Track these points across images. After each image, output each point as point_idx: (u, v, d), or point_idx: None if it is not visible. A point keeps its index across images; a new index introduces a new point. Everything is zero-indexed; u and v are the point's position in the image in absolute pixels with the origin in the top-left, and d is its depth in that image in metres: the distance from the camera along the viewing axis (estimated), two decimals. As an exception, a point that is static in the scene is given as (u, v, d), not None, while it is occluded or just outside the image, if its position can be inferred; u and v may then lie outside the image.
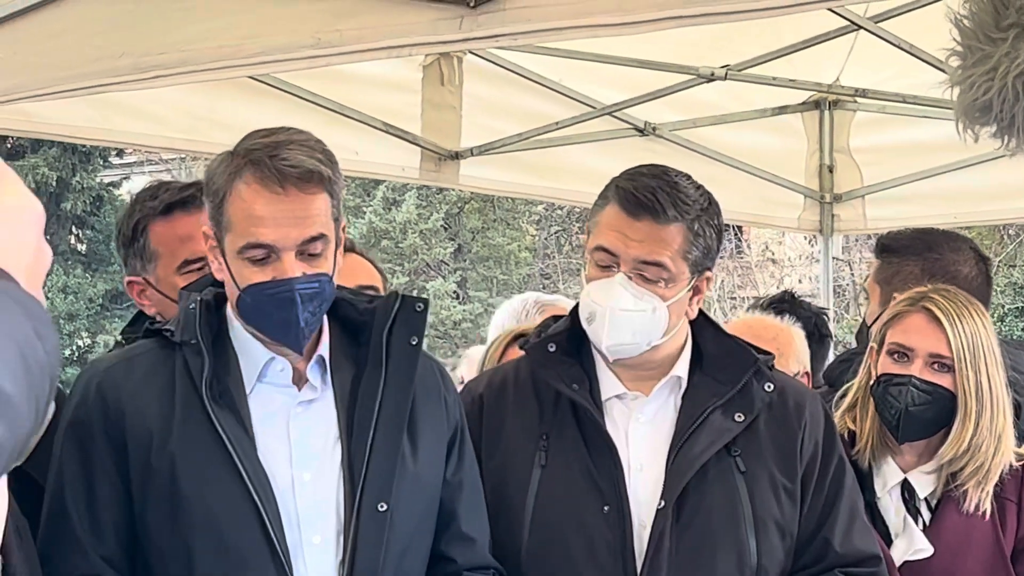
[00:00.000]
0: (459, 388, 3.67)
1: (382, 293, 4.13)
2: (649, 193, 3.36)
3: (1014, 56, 3.87)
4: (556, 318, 3.65)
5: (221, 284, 3.25)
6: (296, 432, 3.14)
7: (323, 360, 3.20)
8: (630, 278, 3.35)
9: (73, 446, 3.12)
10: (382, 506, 3.09)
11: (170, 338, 3.18)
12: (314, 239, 3.05)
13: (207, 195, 3.14)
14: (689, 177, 3.49)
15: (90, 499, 3.09)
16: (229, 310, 3.21)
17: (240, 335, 3.19)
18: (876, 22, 5.67)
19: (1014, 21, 3.89)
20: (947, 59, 4.09)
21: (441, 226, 30.08)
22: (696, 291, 3.46)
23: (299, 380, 3.19)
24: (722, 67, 6.21)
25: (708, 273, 3.48)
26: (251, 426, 3.11)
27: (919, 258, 4.45)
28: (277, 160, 3.01)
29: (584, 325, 3.44)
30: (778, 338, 4.69)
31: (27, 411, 1.36)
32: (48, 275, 1.59)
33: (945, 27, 4.14)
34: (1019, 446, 3.90)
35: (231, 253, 3.07)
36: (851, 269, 24.68)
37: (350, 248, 4.19)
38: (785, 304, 5.43)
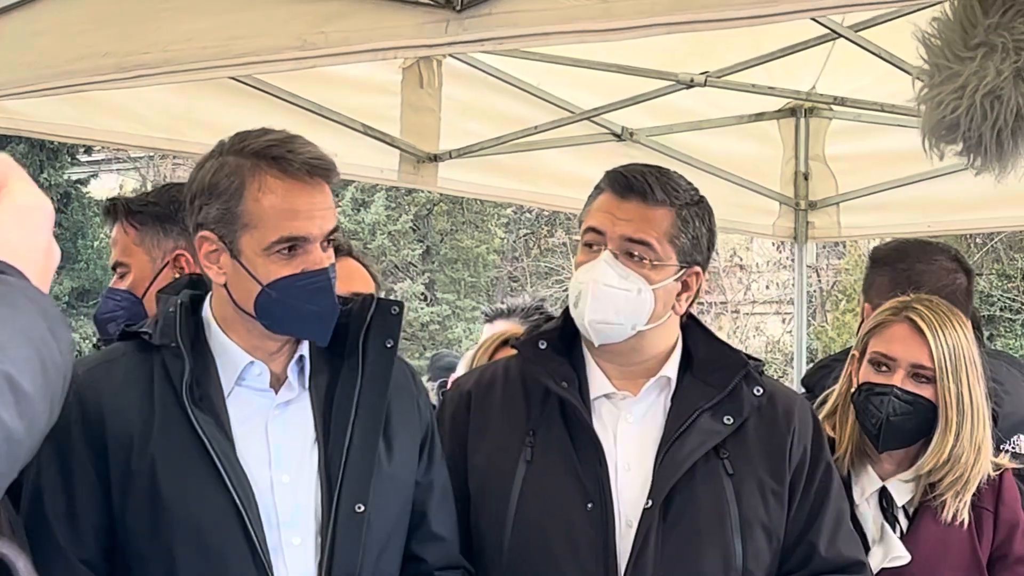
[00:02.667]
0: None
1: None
2: (639, 176, 3.45)
3: (982, 75, 3.89)
4: (549, 317, 3.67)
5: (197, 287, 3.27)
6: (275, 434, 3.15)
7: (303, 360, 3.21)
8: (616, 256, 3.40)
9: (52, 450, 3.09)
10: (359, 507, 3.10)
11: (148, 341, 3.17)
12: (335, 229, 3.12)
13: (208, 199, 3.11)
14: (683, 177, 3.56)
15: (69, 504, 3.08)
16: (207, 314, 3.22)
17: (218, 338, 3.18)
18: (856, 31, 5.69)
19: (982, 40, 3.91)
20: (915, 78, 4.13)
21: (410, 227, 30.07)
22: (685, 287, 3.49)
23: (276, 383, 3.20)
24: (701, 73, 6.22)
25: (698, 269, 3.50)
26: (230, 429, 3.11)
27: (890, 269, 4.48)
28: (298, 155, 3.04)
29: (572, 311, 3.47)
30: None
31: (43, 410, 1.37)
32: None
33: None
34: (995, 455, 3.93)
35: (254, 251, 3.06)
36: (819, 276, 24.79)
37: (347, 252, 4.22)
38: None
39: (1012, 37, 3.86)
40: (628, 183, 3.43)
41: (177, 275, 3.96)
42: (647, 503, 3.35)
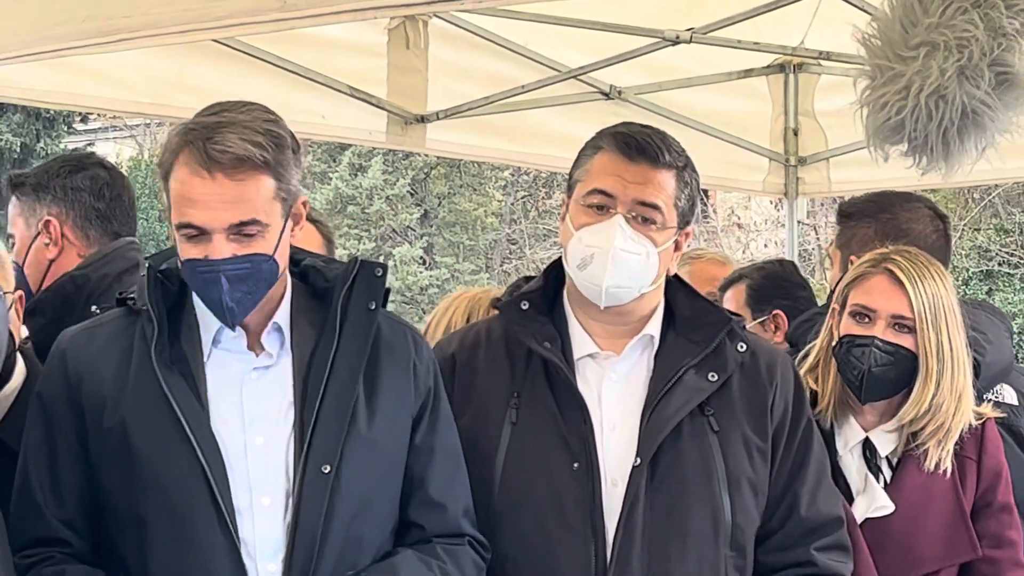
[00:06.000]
0: None
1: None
2: (645, 138, 3.45)
3: (926, 74, 3.89)
4: (528, 278, 3.67)
5: None
6: (249, 397, 3.18)
7: (279, 327, 3.24)
8: (627, 220, 3.40)
9: (37, 413, 3.19)
10: (326, 468, 3.12)
11: (132, 306, 3.23)
12: (244, 223, 3.07)
13: (160, 171, 3.18)
14: (673, 137, 3.57)
15: (51, 464, 3.14)
16: None
17: (199, 302, 3.22)
18: (840, -16, 5.69)
19: (924, 39, 3.91)
20: (855, 80, 4.13)
21: (407, 192, 30.07)
22: (676, 246, 3.52)
23: (255, 346, 3.23)
24: (687, 30, 6.22)
25: (688, 229, 3.54)
26: (205, 391, 3.15)
27: (873, 220, 4.49)
28: (210, 144, 3.04)
29: (575, 272, 3.46)
30: None
31: None
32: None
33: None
34: (978, 405, 3.95)
35: (174, 226, 3.12)
36: (816, 233, 24.77)
37: None
38: None
39: (954, 35, 3.86)
40: (639, 145, 3.43)
41: (47, 241, 4.04)
42: (636, 461, 3.37)
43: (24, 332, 3.66)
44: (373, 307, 3.27)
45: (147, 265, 3.25)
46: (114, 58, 5.42)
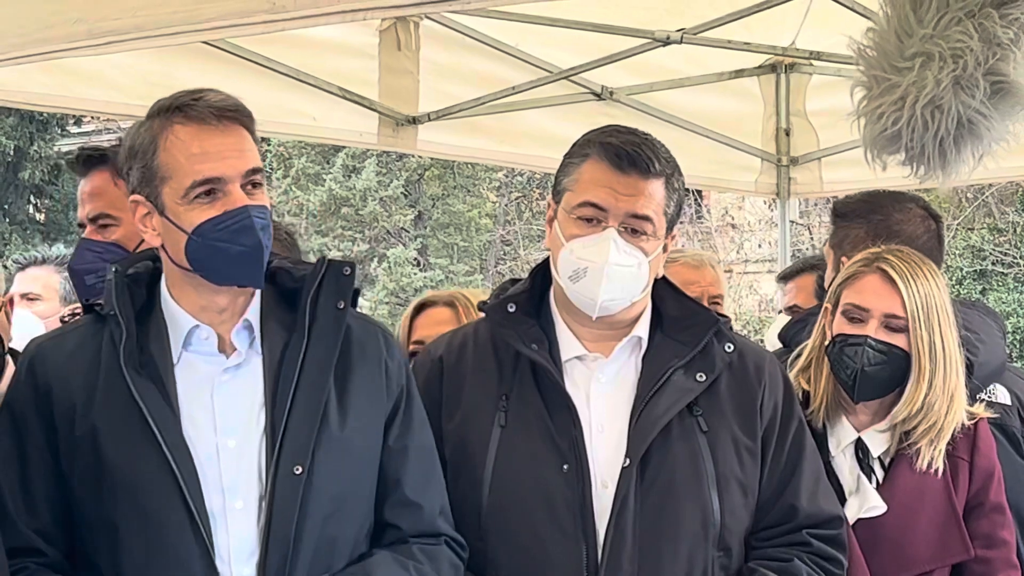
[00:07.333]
0: None
1: None
2: (635, 148, 3.43)
3: (921, 85, 3.89)
4: (514, 281, 3.67)
5: (154, 258, 3.27)
6: (220, 400, 3.17)
7: (250, 325, 3.23)
8: (619, 233, 3.40)
9: (6, 421, 3.16)
10: (297, 469, 3.11)
11: (99, 312, 3.22)
12: (255, 170, 3.12)
13: (130, 163, 3.17)
14: (660, 141, 3.55)
15: (23, 474, 3.11)
16: (162, 281, 3.24)
17: (167, 304, 3.21)
18: (831, -16, 5.69)
19: (919, 50, 3.91)
20: (852, 89, 4.13)
21: (401, 193, 30.03)
22: (664, 250, 3.51)
23: (226, 347, 3.21)
24: (678, 30, 6.22)
25: (674, 232, 3.53)
26: (176, 396, 3.13)
27: (864, 220, 4.48)
28: (202, 102, 3.08)
29: (566, 283, 3.46)
30: None
31: None
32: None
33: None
34: (971, 405, 3.95)
35: (174, 202, 3.10)
36: (810, 233, 24.77)
37: None
38: None
39: (948, 45, 3.86)
40: (630, 156, 3.41)
41: None
42: (625, 462, 3.37)
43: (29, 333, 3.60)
44: (342, 306, 3.27)
45: (114, 270, 3.23)
46: (105, 61, 5.42)
